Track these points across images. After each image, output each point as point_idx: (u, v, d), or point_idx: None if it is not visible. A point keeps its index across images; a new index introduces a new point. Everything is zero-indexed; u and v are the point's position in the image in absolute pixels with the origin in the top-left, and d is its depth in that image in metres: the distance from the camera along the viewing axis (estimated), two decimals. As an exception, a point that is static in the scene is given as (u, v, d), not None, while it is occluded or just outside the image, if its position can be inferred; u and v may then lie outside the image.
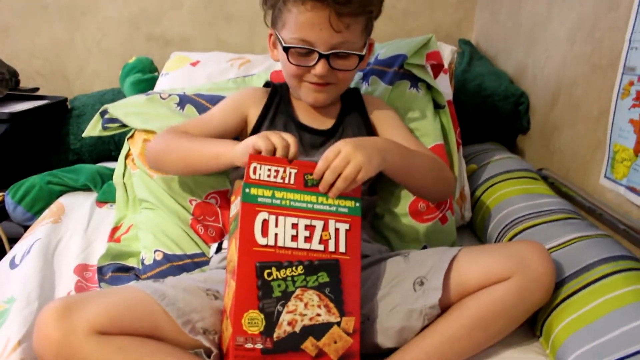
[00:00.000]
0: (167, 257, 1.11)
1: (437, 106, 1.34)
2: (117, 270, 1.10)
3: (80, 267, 1.12)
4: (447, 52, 1.60)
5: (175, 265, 1.11)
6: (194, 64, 1.64)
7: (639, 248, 1.07)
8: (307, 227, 0.82)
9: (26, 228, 1.35)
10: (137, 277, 1.10)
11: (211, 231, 1.17)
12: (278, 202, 0.82)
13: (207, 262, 1.11)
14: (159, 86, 1.61)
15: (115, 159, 1.36)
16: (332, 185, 0.85)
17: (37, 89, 1.84)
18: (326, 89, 1.07)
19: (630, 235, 1.08)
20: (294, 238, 0.81)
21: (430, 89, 1.33)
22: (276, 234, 0.80)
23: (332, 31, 0.97)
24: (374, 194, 1.19)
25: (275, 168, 0.83)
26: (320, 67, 1.01)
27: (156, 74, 1.76)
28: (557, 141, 1.44)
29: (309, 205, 0.83)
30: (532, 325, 0.97)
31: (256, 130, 1.11)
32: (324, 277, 0.81)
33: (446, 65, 1.51)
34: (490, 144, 1.60)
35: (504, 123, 1.65)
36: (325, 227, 0.83)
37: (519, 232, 1.13)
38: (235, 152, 0.93)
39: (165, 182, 1.18)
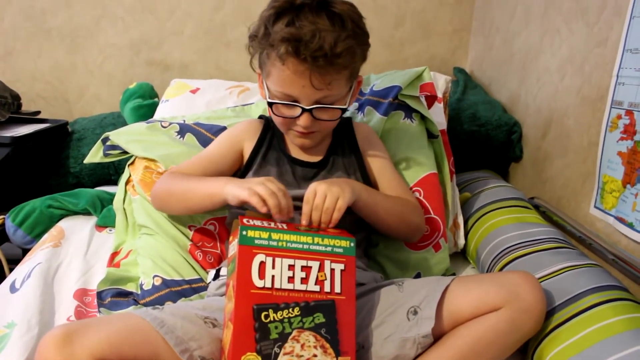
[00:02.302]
0: (165, 283, 1.13)
1: (431, 136, 1.37)
2: (116, 295, 1.11)
3: (79, 291, 1.14)
4: (442, 82, 1.64)
5: (173, 290, 1.12)
6: (193, 92, 1.67)
7: (628, 277, 1.10)
8: (303, 268, 0.84)
9: (25, 250, 1.37)
10: (136, 302, 1.11)
11: (209, 257, 1.19)
12: (275, 243, 0.83)
13: (205, 288, 1.13)
14: (160, 113, 1.65)
15: (114, 183, 1.38)
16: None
17: (38, 112, 1.87)
18: (311, 136, 1.10)
19: (618, 265, 1.11)
20: (291, 279, 0.83)
21: (424, 119, 1.36)
22: (273, 276, 0.82)
23: (313, 88, 0.99)
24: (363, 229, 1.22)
25: (267, 222, 0.87)
26: (303, 120, 1.03)
27: (156, 99, 1.79)
28: (549, 170, 1.48)
29: (305, 247, 0.85)
30: (523, 354, 0.98)
31: (249, 163, 1.15)
32: (320, 318, 0.83)
33: (440, 95, 1.55)
34: (483, 172, 1.63)
35: (497, 151, 1.69)
36: (321, 268, 0.85)
37: (511, 260, 1.15)
38: (226, 193, 0.98)
39: (165, 208, 1.21)
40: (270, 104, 1.04)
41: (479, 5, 2.05)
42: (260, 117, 1.25)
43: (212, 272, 1.10)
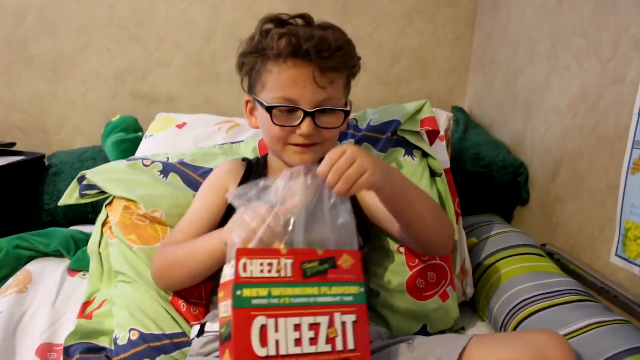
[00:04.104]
0: (143, 337, 1.00)
1: (434, 174, 1.28)
2: (86, 351, 0.98)
3: (44, 346, 1.01)
4: (443, 119, 1.55)
5: (152, 346, 0.99)
6: (180, 126, 1.57)
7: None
8: (311, 326, 0.72)
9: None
10: (109, 359, 0.98)
11: (194, 309, 1.06)
12: (276, 301, 0.71)
13: (188, 344, 1.01)
14: (143, 148, 1.53)
15: (92, 222, 1.27)
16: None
17: (13, 144, 1.75)
18: (312, 149, 1.01)
19: (649, 321, 1.01)
20: (298, 342, 0.70)
21: (426, 156, 1.27)
22: (277, 341, 0.69)
23: (316, 87, 0.94)
24: (366, 271, 1.11)
25: (269, 261, 0.72)
26: (305, 126, 0.96)
27: (140, 133, 1.69)
28: (560, 215, 1.38)
29: (311, 300, 0.73)
30: None
31: (232, 207, 1.03)
32: None
33: (442, 132, 1.46)
34: (488, 216, 1.53)
35: (502, 194, 1.59)
36: (331, 323, 0.73)
37: (528, 315, 1.05)
38: (223, 243, 0.87)
39: (146, 253, 1.09)
40: (269, 109, 0.96)
41: (478, 42, 1.99)
42: (243, 159, 1.17)
43: (196, 329, 0.97)
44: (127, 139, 1.63)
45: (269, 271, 0.72)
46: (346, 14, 1.96)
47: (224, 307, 0.72)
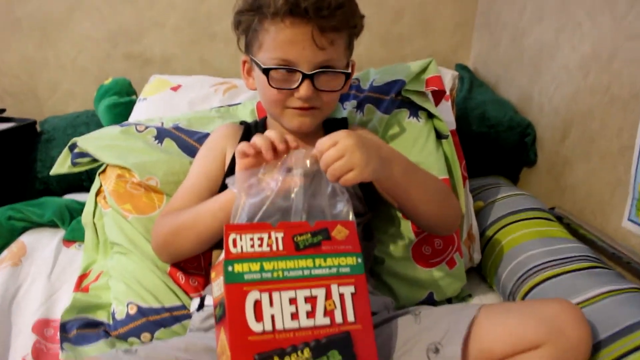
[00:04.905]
0: (141, 311, 0.97)
1: (440, 136, 1.23)
2: (83, 327, 0.95)
3: (40, 323, 0.98)
4: (448, 78, 1.49)
5: (151, 320, 0.97)
6: (174, 89, 1.50)
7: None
8: (307, 299, 0.68)
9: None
10: (107, 334, 0.96)
11: (193, 281, 1.03)
12: (269, 275, 0.68)
13: (188, 316, 0.98)
14: (136, 112, 1.47)
15: (87, 190, 1.22)
16: None
17: (3, 111, 1.69)
18: (311, 113, 0.96)
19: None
20: (294, 316, 0.67)
21: (432, 117, 1.22)
22: (273, 316, 0.66)
23: (315, 48, 0.89)
24: (371, 238, 1.07)
25: (259, 235, 0.69)
26: (304, 89, 0.91)
27: (134, 97, 1.62)
28: (569, 177, 1.34)
29: (306, 272, 0.70)
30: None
31: (230, 171, 0.98)
32: (335, 356, 0.67)
33: (447, 92, 1.40)
34: (494, 178, 1.49)
35: (508, 155, 1.54)
36: (328, 295, 0.70)
37: (538, 282, 1.01)
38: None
39: (142, 223, 1.05)
40: (266, 71, 0.91)
41: (483, -1, 1.91)
42: (241, 122, 1.12)
43: (196, 302, 0.94)
44: (121, 102, 1.57)
45: (260, 245, 0.69)
46: (346, -30, 1.87)
47: (217, 286, 0.70)
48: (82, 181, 1.53)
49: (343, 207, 0.78)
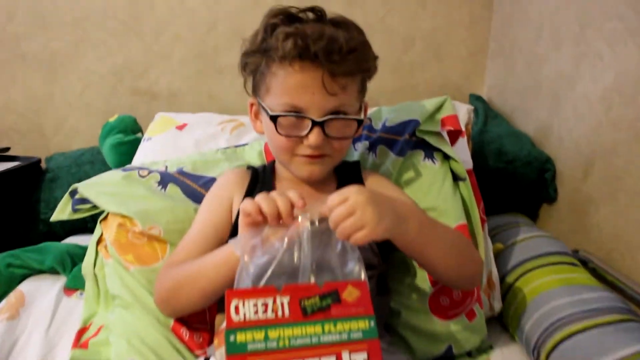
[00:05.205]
0: (142, 370, 0.92)
1: (456, 178, 1.17)
2: (81, 387, 0.90)
3: (36, 382, 0.93)
4: (463, 112, 1.44)
5: (152, 381, 0.91)
6: (180, 128, 1.46)
7: None
8: None
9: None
10: (106, 396, 0.90)
11: (198, 336, 0.97)
12: (274, 344, 0.62)
13: (191, 377, 0.92)
14: (141, 153, 1.42)
15: (91, 232, 1.18)
16: None
17: (7, 149, 1.67)
18: (321, 161, 0.91)
19: None
20: None
21: (448, 158, 1.16)
22: None
23: (325, 94, 0.84)
24: (386, 291, 1.01)
25: (263, 301, 0.64)
26: (314, 137, 0.86)
27: (139, 134, 1.59)
28: (593, 217, 1.27)
29: (314, 340, 0.64)
30: None
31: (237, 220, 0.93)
32: None
33: (463, 128, 1.35)
34: (513, 216, 1.42)
35: (527, 192, 1.48)
36: None
37: (566, 337, 0.94)
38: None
39: (144, 275, 1.00)
40: (273, 119, 0.86)
41: (496, 25, 1.86)
42: (248, 167, 1.07)
43: (201, 362, 0.88)
44: (126, 141, 1.53)
45: (265, 312, 0.64)
46: (356, -2, 1.84)
47: (219, 355, 0.65)
48: (86, 222, 1.47)
49: (354, 266, 0.73)
